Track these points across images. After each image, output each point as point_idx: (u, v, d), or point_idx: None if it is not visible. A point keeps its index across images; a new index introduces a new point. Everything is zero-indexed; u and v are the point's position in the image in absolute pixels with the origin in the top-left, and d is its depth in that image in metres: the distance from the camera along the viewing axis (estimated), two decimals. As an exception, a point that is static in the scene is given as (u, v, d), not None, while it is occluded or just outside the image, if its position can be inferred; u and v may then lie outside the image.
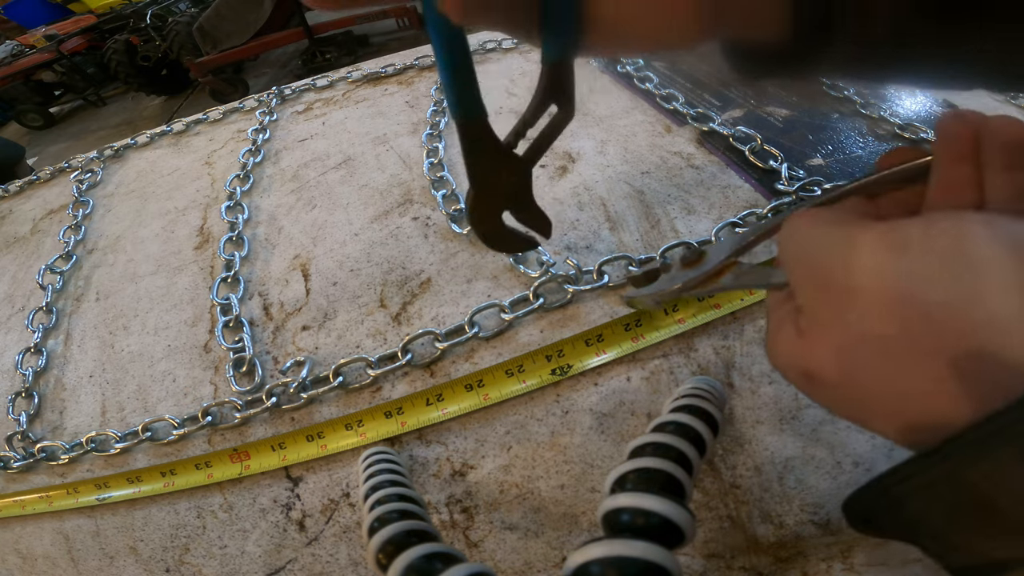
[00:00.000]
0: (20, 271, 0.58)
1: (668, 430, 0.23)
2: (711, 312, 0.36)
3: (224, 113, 0.72)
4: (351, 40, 3.28)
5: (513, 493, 0.33)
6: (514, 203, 0.31)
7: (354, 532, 0.34)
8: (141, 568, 0.36)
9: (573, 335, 0.36)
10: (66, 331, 0.49)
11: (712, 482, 0.31)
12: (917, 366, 0.13)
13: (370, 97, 0.67)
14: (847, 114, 0.51)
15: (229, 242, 0.51)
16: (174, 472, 0.38)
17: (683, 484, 0.21)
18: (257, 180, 0.58)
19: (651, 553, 0.16)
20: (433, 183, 0.50)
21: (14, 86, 3.79)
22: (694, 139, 0.50)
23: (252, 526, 0.35)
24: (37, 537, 0.39)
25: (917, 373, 0.13)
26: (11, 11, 5.00)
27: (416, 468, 0.35)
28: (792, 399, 0.33)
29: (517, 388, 0.35)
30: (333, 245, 0.48)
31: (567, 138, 0.52)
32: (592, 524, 0.32)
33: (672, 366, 0.35)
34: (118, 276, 0.53)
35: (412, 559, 0.20)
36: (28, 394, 0.45)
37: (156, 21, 3.51)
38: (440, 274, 0.43)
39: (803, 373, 0.16)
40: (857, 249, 0.14)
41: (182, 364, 0.44)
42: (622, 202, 0.45)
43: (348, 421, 0.37)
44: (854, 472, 0.30)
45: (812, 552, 0.29)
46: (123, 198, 0.63)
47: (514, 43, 0.70)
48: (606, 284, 0.38)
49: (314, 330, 0.42)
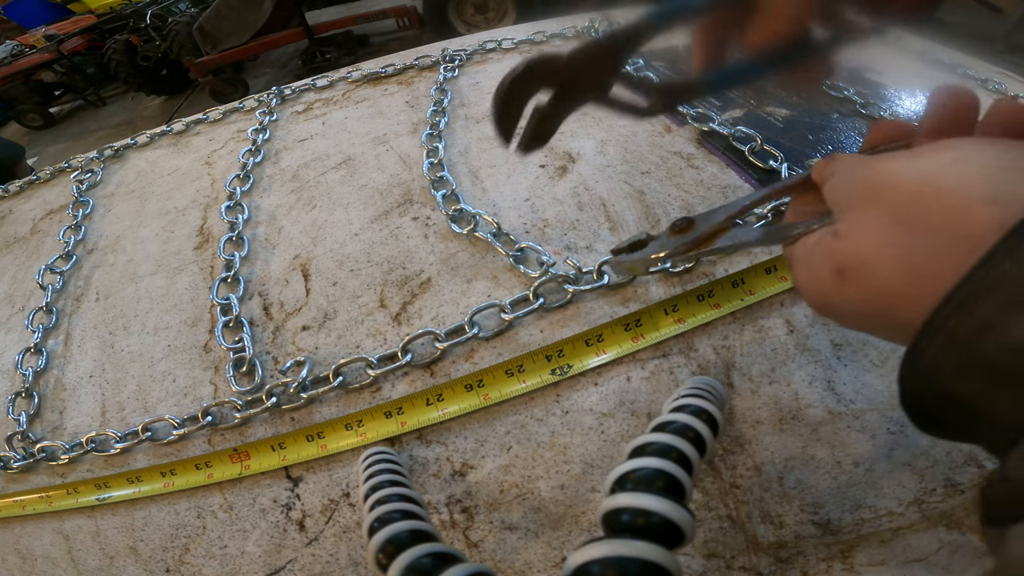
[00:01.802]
0: (20, 271, 0.58)
1: (668, 430, 0.23)
2: (711, 312, 0.36)
3: (224, 113, 0.72)
4: (351, 40, 3.28)
5: (513, 493, 0.33)
6: (562, 93, 0.28)
7: (354, 532, 0.34)
8: (141, 568, 0.36)
9: (573, 335, 0.36)
10: (66, 331, 0.49)
11: (712, 482, 0.31)
12: (933, 238, 0.15)
13: (370, 97, 0.67)
14: (847, 114, 0.51)
15: (229, 242, 0.51)
16: (174, 472, 0.38)
17: (683, 484, 0.21)
18: (257, 180, 0.58)
19: (651, 553, 0.16)
20: (433, 183, 0.50)
21: (14, 86, 3.80)
22: (694, 139, 0.50)
23: (252, 526, 0.35)
24: (37, 537, 0.39)
25: (933, 244, 0.15)
26: (11, 11, 5.00)
27: (416, 468, 0.35)
28: (792, 399, 0.33)
29: (517, 388, 0.35)
30: (333, 245, 0.48)
31: (567, 138, 0.52)
32: (592, 524, 0.32)
33: (672, 366, 0.35)
34: (118, 276, 0.53)
35: (412, 559, 0.20)
36: (28, 394, 0.45)
37: (156, 21, 3.51)
38: (440, 274, 0.43)
39: (837, 269, 0.18)
40: (887, 161, 0.18)
41: (182, 364, 0.44)
42: (622, 202, 0.45)
43: (348, 421, 0.37)
44: (854, 472, 0.30)
45: (812, 552, 0.29)
46: (123, 198, 0.63)
47: (514, 43, 0.70)
48: (606, 284, 0.38)
49: (314, 330, 0.42)
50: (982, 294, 0.13)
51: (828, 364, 0.34)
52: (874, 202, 0.17)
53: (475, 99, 0.62)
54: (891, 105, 0.51)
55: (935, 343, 0.14)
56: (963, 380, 0.14)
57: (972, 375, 0.14)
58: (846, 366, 0.33)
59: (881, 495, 0.30)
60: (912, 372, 0.15)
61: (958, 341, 0.14)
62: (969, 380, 0.14)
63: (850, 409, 0.32)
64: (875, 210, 0.17)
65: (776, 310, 0.36)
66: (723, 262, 0.39)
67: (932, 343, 0.14)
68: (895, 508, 0.29)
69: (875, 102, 0.51)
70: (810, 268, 0.19)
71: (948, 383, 0.14)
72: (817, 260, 0.19)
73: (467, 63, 0.69)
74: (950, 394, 0.15)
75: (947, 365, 0.14)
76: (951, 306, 0.14)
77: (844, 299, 0.18)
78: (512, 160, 0.52)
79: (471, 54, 0.70)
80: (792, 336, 0.35)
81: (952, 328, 0.14)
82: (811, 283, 0.19)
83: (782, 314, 0.36)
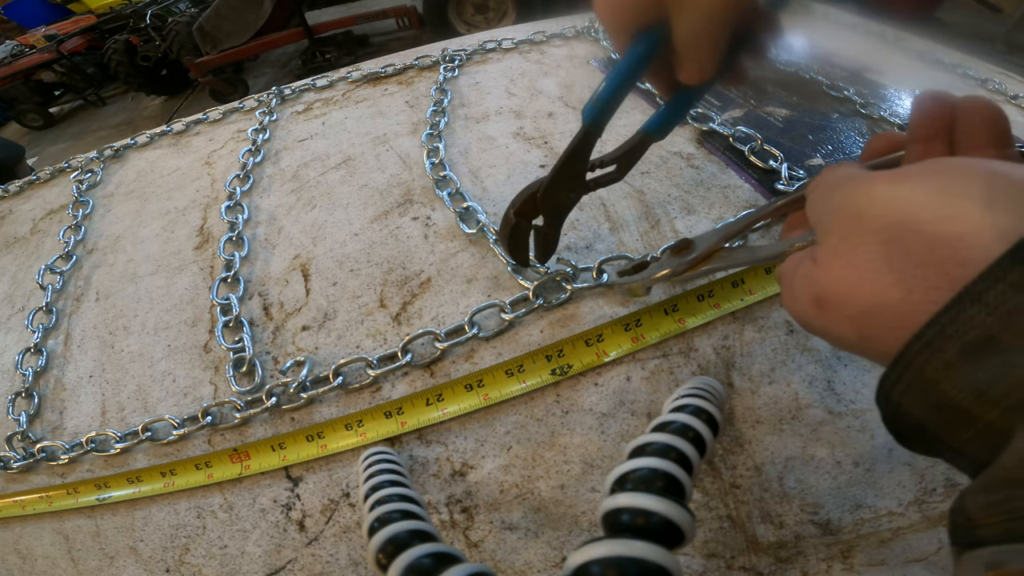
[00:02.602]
0: (20, 271, 0.58)
1: (668, 430, 0.23)
2: (711, 312, 0.36)
3: (224, 113, 0.72)
4: (351, 40, 3.28)
5: (513, 493, 0.33)
6: (550, 217, 0.34)
7: (354, 532, 0.34)
8: (141, 568, 0.36)
9: (573, 335, 0.36)
10: (66, 331, 0.49)
11: (712, 482, 0.31)
12: (910, 274, 0.15)
13: (370, 97, 0.67)
14: (847, 114, 0.51)
15: (229, 242, 0.51)
16: (174, 472, 0.38)
17: (683, 484, 0.20)
18: (257, 180, 0.58)
19: (651, 553, 0.16)
20: (436, 182, 0.50)
21: (14, 86, 3.80)
22: (694, 139, 0.50)
23: (252, 526, 0.35)
24: (37, 537, 0.39)
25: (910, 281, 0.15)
26: (11, 11, 5.01)
27: (416, 468, 0.35)
28: (792, 399, 0.33)
29: (517, 388, 0.35)
30: (333, 245, 0.48)
31: (567, 138, 0.52)
32: (592, 524, 0.32)
33: (672, 366, 0.35)
34: (118, 276, 0.53)
35: (412, 559, 0.20)
36: (28, 394, 0.45)
37: (156, 21, 3.52)
38: (440, 274, 0.43)
39: (815, 297, 0.18)
40: (868, 184, 0.17)
41: (182, 364, 0.44)
42: (622, 202, 0.45)
43: (348, 421, 0.37)
44: (854, 472, 0.30)
45: (812, 552, 0.29)
46: (123, 198, 0.63)
47: (514, 43, 0.70)
48: (605, 283, 0.38)
49: (314, 330, 0.42)
50: (950, 335, 0.13)
51: (828, 364, 0.34)
52: (853, 231, 0.17)
53: (475, 99, 0.62)
54: (891, 105, 0.51)
55: (904, 378, 0.15)
56: (930, 414, 0.14)
57: (938, 412, 0.14)
58: (846, 366, 0.33)
59: (881, 495, 0.30)
60: (885, 401, 0.16)
61: (926, 379, 0.14)
62: (935, 415, 0.14)
63: (850, 409, 0.32)
64: (854, 239, 0.16)
65: (776, 310, 0.36)
66: (723, 262, 0.39)
67: (902, 378, 0.15)
68: (895, 508, 0.29)
69: (875, 102, 0.51)
70: (792, 293, 0.19)
71: (916, 415, 0.15)
72: (798, 287, 0.19)
73: (467, 63, 0.69)
74: (919, 425, 0.15)
75: (915, 399, 0.15)
76: (920, 343, 0.14)
77: (824, 325, 0.18)
78: (512, 160, 0.52)
79: (471, 54, 0.70)
80: (792, 336, 0.35)
81: (920, 365, 0.14)
82: (793, 307, 0.20)
83: (782, 314, 0.36)
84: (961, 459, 0.15)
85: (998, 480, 0.12)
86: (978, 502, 0.13)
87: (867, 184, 0.17)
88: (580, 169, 0.31)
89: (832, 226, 0.18)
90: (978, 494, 0.13)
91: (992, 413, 0.13)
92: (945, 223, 0.14)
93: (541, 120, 0.55)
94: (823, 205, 0.19)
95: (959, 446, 0.14)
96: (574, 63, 0.65)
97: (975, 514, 0.13)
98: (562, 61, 0.65)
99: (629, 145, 0.31)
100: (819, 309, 0.18)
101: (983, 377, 0.13)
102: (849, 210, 0.17)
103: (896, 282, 0.15)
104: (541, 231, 0.35)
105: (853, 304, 0.16)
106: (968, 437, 0.14)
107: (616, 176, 0.32)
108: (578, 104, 0.56)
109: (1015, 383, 0.12)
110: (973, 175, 0.14)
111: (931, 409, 0.14)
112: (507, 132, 0.55)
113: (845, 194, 0.17)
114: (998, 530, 0.12)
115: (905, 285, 0.15)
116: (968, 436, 0.14)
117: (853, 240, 0.16)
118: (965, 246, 0.13)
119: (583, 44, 0.68)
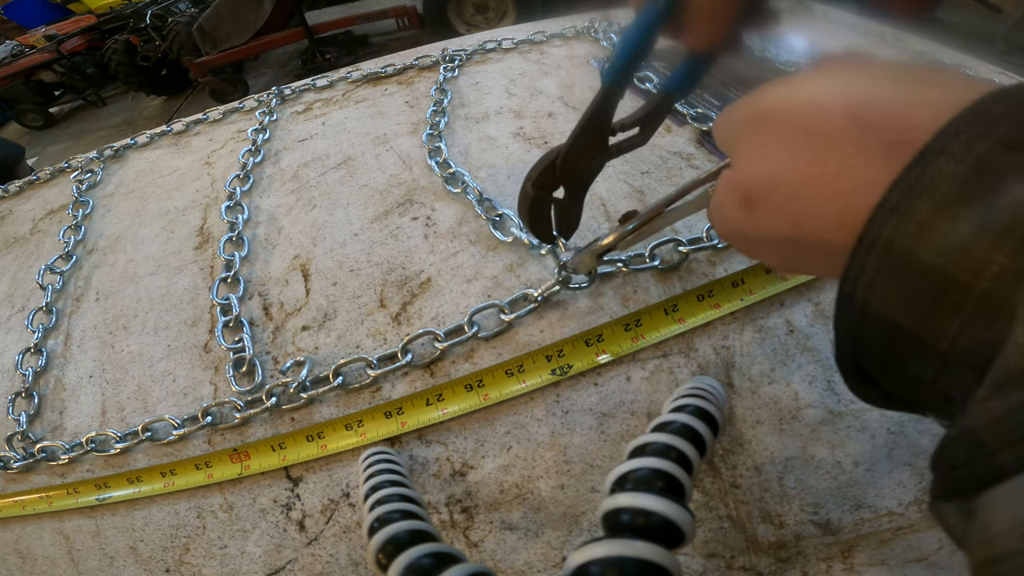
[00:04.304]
0: (20, 271, 0.58)
1: (668, 430, 0.23)
2: (711, 312, 0.36)
3: (224, 113, 0.72)
4: (351, 40, 3.28)
5: (513, 493, 0.33)
6: (571, 188, 0.32)
7: (354, 532, 0.34)
8: (141, 568, 0.36)
9: (573, 335, 0.36)
10: (66, 331, 0.49)
11: (712, 482, 0.31)
12: (830, 147, 0.15)
13: (370, 97, 0.67)
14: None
15: (229, 242, 0.51)
16: (174, 472, 0.38)
17: (683, 484, 0.20)
18: (257, 180, 0.58)
19: (651, 553, 0.16)
20: (446, 179, 0.50)
21: (14, 86, 3.80)
22: (694, 139, 0.50)
23: (252, 526, 0.35)
24: (37, 537, 0.39)
25: (827, 155, 0.15)
26: (11, 11, 5.01)
27: (416, 468, 0.35)
28: (792, 399, 0.33)
29: (517, 388, 0.35)
30: (333, 245, 0.48)
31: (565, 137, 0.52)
32: (592, 524, 0.32)
33: (672, 366, 0.35)
34: (118, 276, 0.53)
35: (412, 559, 0.20)
36: (28, 394, 0.45)
37: (156, 21, 3.52)
38: (440, 274, 0.43)
39: (741, 199, 0.18)
40: (762, 93, 0.18)
41: (182, 364, 0.44)
42: (622, 202, 0.45)
43: (348, 421, 0.37)
44: (854, 472, 0.30)
45: (812, 552, 0.29)
46: (123, 198, 0.63)
47: (514, 43, 0.70)
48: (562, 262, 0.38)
49: (314, 330, 0.42)
50: (918, 194, 0.12)
51: (828, 364, 0.34)
52: (760, 131, 0.17)
53: (475, 99, 0.62)
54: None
55: (871, 259, 0.13)
56: (907, 303, 0.13)
57: (918, 296, 0.12)
58: (846, 366, 0.33)
59: (881, 495, 0.30)
60: (847, 305, 0.14)
61: (898, 250, 0.12)
62: (912, 300, 0.12)
63: (850, 409, 0.32)
64: (761, 136, 0.17)
65: (776, 310, 0.36)
66: (723, 262, 0.39)
67: (868, 260, 0.13)
68: (895, 508, 0.29)
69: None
70: (719, 208, 0.19)
71: (888, 309, 0.13)
72: (723, 198, 0.19)
73: (467, 63, 0.69)
74: (891, 325, 0.13)
75: (887, 284, 0.13)
76: (885, 210, 0.12)
77: (759, 228, 0.17)
78: (512, 160, 0.52)
79: (471, 54, 0.70)
80: (792, 336, 0.35)
81: (889, 236, 0.12)
82: (724, 222, 0.19)
83: (782, 314, 0.36)
84: (941, 375, 0.13)
85: (1018, 377, 0.10)
86: (989, 413, 0.11)
87: (762, 93, 0.18)
88: (601, 133, 0.29)
89: (739, 136, 0.18)
90: (987, 402, 0.11)
91: (984, 277, 0.11)
92: (850, 93, 0.15)
93: (541, 120, 0.55)
94: (727, 127, 0.19)
95: (946, 348, 0.12)
96: (574, 63, 0.64)
97: (987, 436, 0.11)
98: (562, 61, 0.65)
99: (652, 105, 0.29)
100: (748, 210, 0.17)
101: (965, 229, 0.11)
102: (752, 118, 0.18)
103: (816, 159, 0.15)
104: (562, 204, 0.32)
105: (779, 190, 0.16)
106: (958, 327, 0.12)
107: (640, 140, 0.30)
108: (578, 104, 0.56)
109: (1002, 228, 0.11)
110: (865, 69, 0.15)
111: (908, 295, 0.12)
112: (507, 132, 0.55)
113: (744, 108, 0.18)
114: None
115: (822, 160, 0.15)
116: (958, 326, 0.12)
117: (762, 138, 0.17)
118: (909, 112, 0.13)
119: (583, 44, 0.68)
